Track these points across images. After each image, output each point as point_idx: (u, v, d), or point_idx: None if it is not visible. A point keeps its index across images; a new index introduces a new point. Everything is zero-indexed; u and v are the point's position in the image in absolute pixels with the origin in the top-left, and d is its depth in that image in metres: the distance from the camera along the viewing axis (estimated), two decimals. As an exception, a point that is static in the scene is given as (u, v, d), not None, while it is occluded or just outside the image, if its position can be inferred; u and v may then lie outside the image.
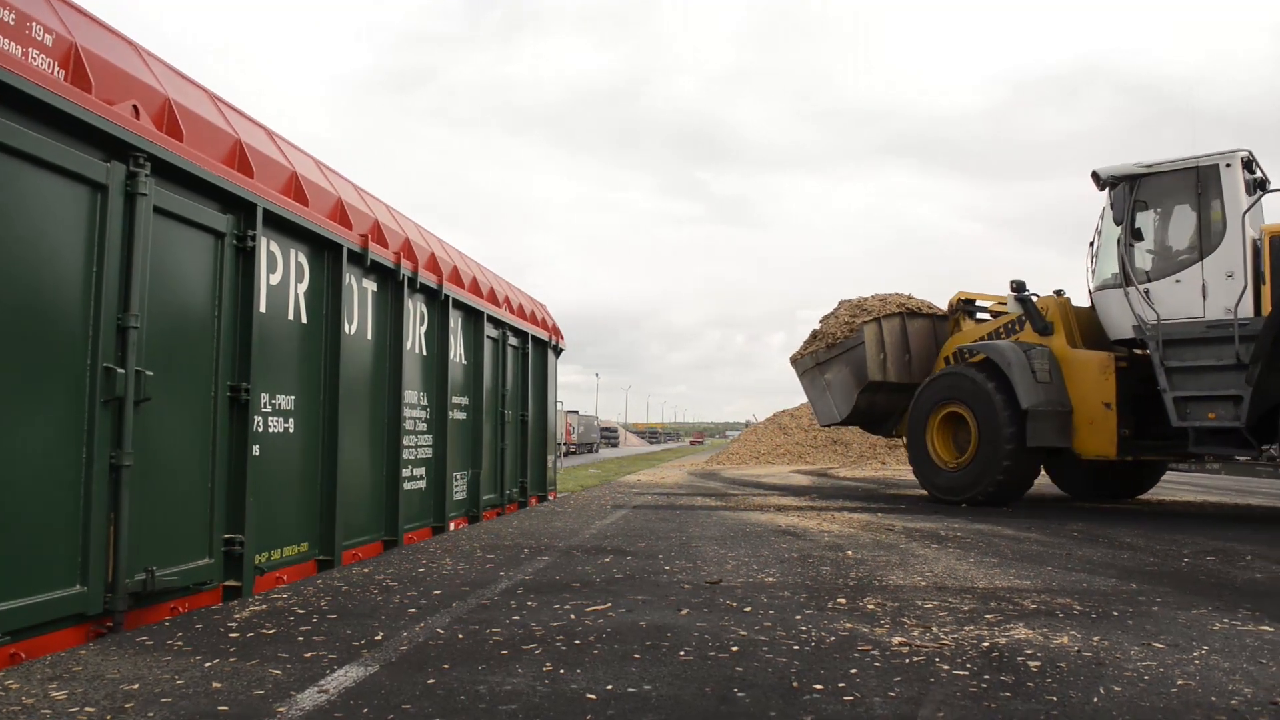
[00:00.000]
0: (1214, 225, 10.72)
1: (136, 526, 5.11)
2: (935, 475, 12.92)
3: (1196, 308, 10.70)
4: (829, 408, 14.93)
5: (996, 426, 11.83)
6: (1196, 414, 10.59)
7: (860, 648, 4.45)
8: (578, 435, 64.22)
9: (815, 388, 15.17)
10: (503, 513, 12.20)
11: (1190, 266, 10.85)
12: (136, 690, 3.75)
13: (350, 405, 7.75)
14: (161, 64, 6.00)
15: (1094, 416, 11.42)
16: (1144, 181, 11.32)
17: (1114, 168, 11.54)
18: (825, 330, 15.07)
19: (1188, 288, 10.80)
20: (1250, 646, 4.51)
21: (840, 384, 14.60)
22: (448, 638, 4.69)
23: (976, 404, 12.17)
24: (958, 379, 12.64)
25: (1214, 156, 10.80)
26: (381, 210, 9.02)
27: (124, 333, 5.03)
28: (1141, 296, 11.08)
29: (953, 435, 12.88)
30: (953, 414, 12.70)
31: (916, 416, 13.19)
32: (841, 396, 14.55)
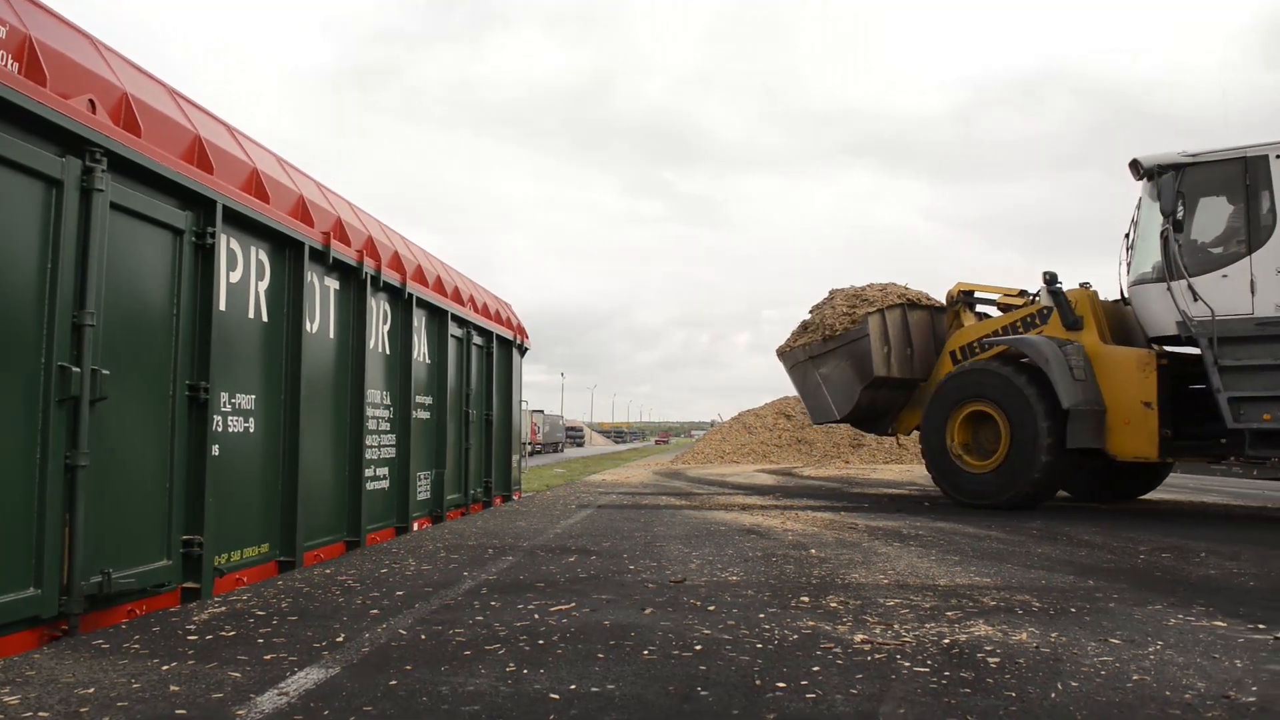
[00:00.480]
0: (1263, 218, 10.25)
1: (93, 528, 5.03)
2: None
3: (1244, 304, 10.19)
4: (825, 404, 14.05)
5: (1032, 426, 11.23)
6: (1251, 415, 10.05)
7: (823, 645, 4.48)
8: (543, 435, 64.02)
9: (808, 383, 14.28)
10: (467, 513, 12.14)
11: (1238, 261, 10.33)
12: (92, 694, 3.69)
13: (312, 404, 7.67)
14: (119, 58, 5.90)
15: (1131, 416, 10.87)
16: (1189, 171, 10.75)
17: (1157, 156, 11.01)
18: (819, 321, 14.19)
19: (1235, 283, 10.26)
20: (1204, 642, 4.59)
21: (840, 379, 13.74)
22: (410, 639, 4.67)
23: (1007, 402, 11.52)
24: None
25: (1263, 146, 10.36)
26: (344, 208, 8.94)
27: (80, 331, 4.94)
28: (1186, 291, 10.48)
29: (974, 435, 12.19)
30: (976, 412, 12.01)
31: (935, 414, 12.42)
32: (841, 392, 13.71)
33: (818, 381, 14.03)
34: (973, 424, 12.16)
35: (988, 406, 11.82)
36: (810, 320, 14.52)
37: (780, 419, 31.73)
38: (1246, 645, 4.53)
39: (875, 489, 16.32)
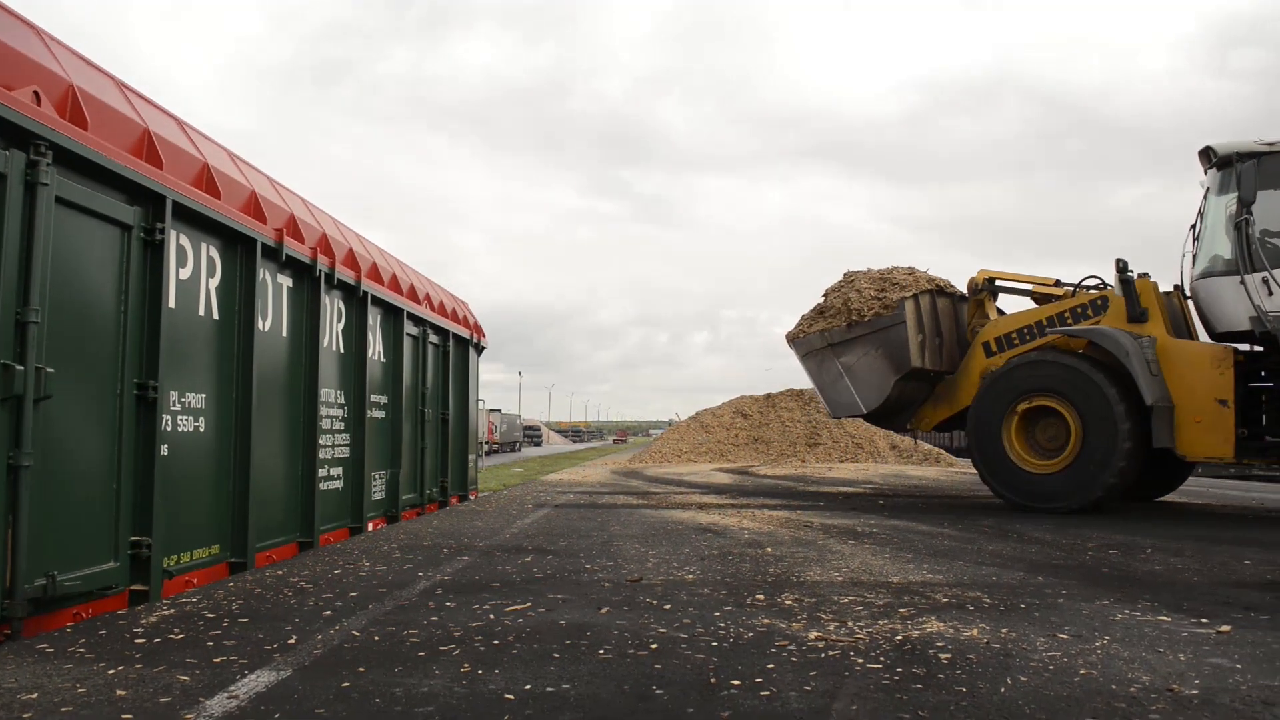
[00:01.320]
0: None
1: (37, 529, 4.92)
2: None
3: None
4: (848, 397, 12.95)
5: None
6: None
7: (777, 643, 4.51)
8: (500, 434, 63.76)
9: (826, 373, 13.17)
10: (423, 513, 12.05)
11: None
12: (35, 700, 3.61)
13: (264, 404, 7.57)
14: (66, 50, 5.78)
15: (1204, 414, 10.38)
16: (1265, 160, 10.36)
17: (1232, 144, 10.66)
18: (840, 305, 13.09)
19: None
20: (1149, 636, 4.69)
21: (868, 369, 12.69)
22: (363, 640, 4.62)
23: (1080, 397, 10.84)
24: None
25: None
26: (298, 204, 8.83)
27: (23, 328, 4.83)
28: (1261, 285, 10.09)
29: (1029, 432, 11.49)
30: (1036, 409, 11.31)
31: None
32: (870, 384, 12.68)
33: (838, 372, 12.98)
34: (1029, 421, 11.49)
35: (1055, 402, 11.11)
36: (827, 304, 13.46)
37: (737, 418, 31.88)
38: (1190, 639, 4.63)
39: (831, 488, 16.45)
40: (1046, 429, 11.36)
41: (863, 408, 12.86)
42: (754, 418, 31.49)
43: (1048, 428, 11.35)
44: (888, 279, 13.12)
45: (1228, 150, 10.65)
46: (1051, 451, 11.26)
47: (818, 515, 10.92)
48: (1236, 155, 10.52)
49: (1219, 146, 10.75)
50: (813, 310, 13.74)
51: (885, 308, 12.57)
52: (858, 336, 12.74)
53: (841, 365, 12.94)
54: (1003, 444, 11.43)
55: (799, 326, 13.72)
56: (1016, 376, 11.48)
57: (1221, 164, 10.75)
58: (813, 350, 13.31)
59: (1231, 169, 10.57)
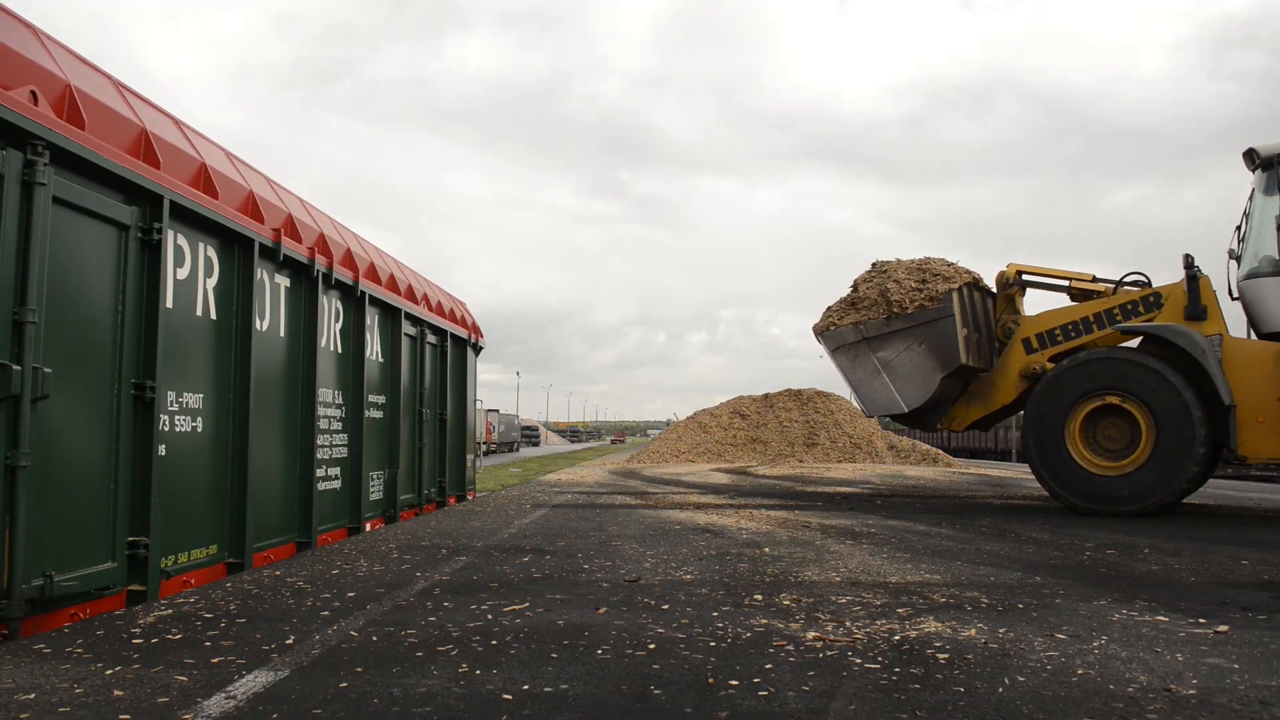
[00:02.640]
0: None
1: (34, 530, 4.91)
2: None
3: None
4: (886, 395, 12.27)
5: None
6: None
7: (775, 643, 4.51)
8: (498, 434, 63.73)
9: (861, 368, 12.45)
10: (420, 513, 12.04)
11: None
12: (33, 700, 3.61)
13: (262, 404, 7.57)
14: (63, 49, 5.77)
15: (1266, 414, 10.28)
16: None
17: (1276, 145, 10.61)
18: (877, 297, 12.40)
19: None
20: (1146, 636, 4.69)
21: (910, 365, 12.02)
22: (361, 640, 4.62)
23: (1153, 397, 10.53)
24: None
25: None
26: (295, 204, 8.82)
27: (20, 328, 4.82)
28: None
29: (1089, 433, 11.12)
30: (1099, 407, 10.98)
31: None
32: (912, 380, 12.04)
33: (875, 367, 12.28)
34: (1090, 421, 11.13)
35: (1125, 401, 10.81)
36: (860, 296, 12.72)
37: (735, 418, 31.89)
38: (1187, 639, 4.63)
39: (829, 488, 16.46)
40: (1108, 429, 11.06)
41: (904, 406, 12.25)
42: (752, 418, 31.50)
43: (1109, 428, 11.05)
44: (926, 269, 12.50)
45: (1271, 152, 10.57)
46: (1113, 453, 10.96)
47: (816, 515, 10.92)
48: (1278, 157, 10.46)
49: (1263, 148, 10.66)
50: (842, 302, 13.03)
51: (930, 300, 11.92)
52: (898, 330, 12.09)
53: (879, 360, 12.24)
54: (1065, 444, 11.07)
55: (827, 318, 13.02)
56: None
57: (1266, 165, 10.64)
58: (845, 344, 12.61)
59: (1274, 170, 10.48)
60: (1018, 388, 12.22)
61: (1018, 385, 12.21)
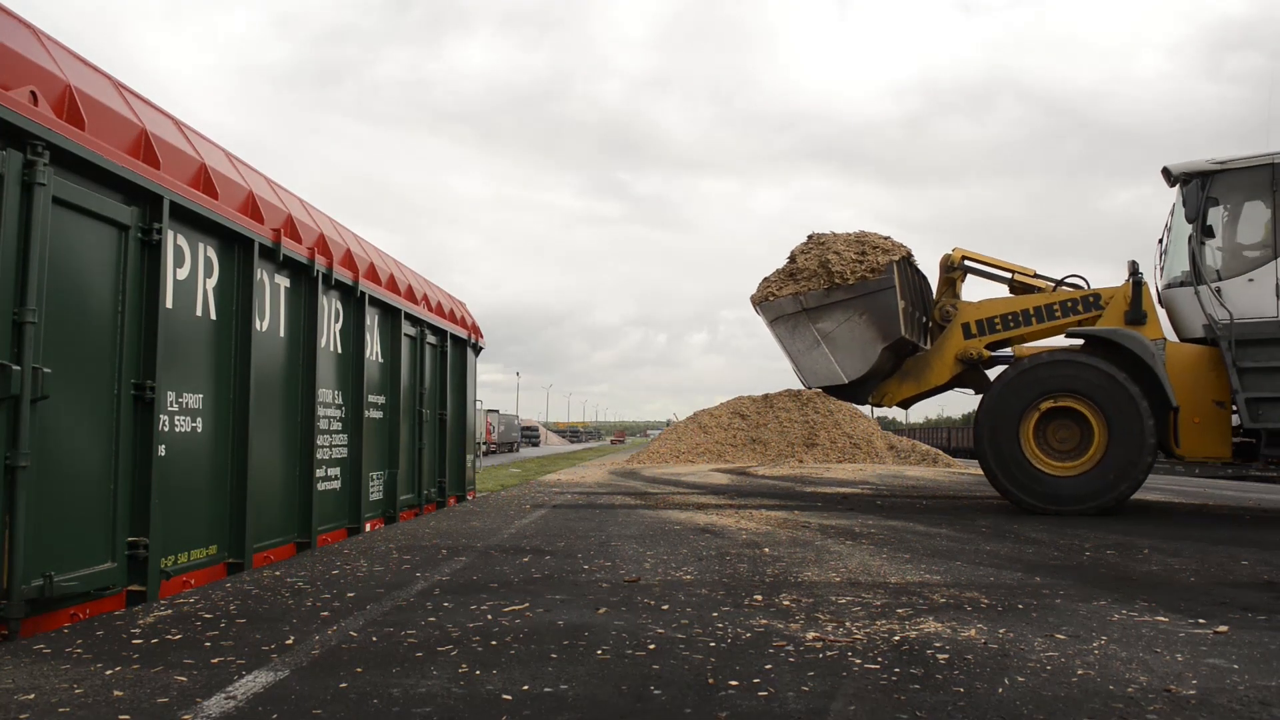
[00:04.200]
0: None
1: (34, 530, 4.91)
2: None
3: (1270, 307, 10.38)
4: (827, 365, 12.29)
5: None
6: (1270, 415, 10.22)
7: (775, 644, 4.51)
8: (498, 434, 63.72)
9: (801, 339, 12.44)
10: (420, 513, 12.04)
11: (1264, 265, 10.47)
12: (33, 700, 3.61)
13: (262, 404, 7.57)
14: (63, 49, 5.77)
15: (1201, 415, 10.71)
16: (1217, 178, 10.86)
17: (1187, 164, 11.06)
18: (815, 268, 12.36)
19: (1260, 286, 10.45)
20: (1146, 637, 4.69)
21: (850, 336, 12.04)
22: (361, 640, 4.62)
23: (1107, 400, 10.84)
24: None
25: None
26: (295, 205, 8.82)
27: (20, 328, 4.82)
28: (1213, 295, 10.60)
29: (1041, 434, 11.33)
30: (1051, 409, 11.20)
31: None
32: (853, 352, 12.07)
33: (815, 338, 12.31)
34: (1042, 422, 11.33)
35: (1079, 403, 11.06)
36: (799, 267, 12.66)
37: (735, 419, 31.87)
38: (1187, 639, 4.63)
39: (828, 488, 16.46)
40: (1059, 430, 11.30)
41: (844, 377, 12.29)
42: (752, 418, 31.49)
43: (1060, 429, 11.29)
44: (865, 241, 12.46)
45: (1181, 170, 11.08)
46: (1065, 454, 11.20)
47: (815, 516, 10.92)
48: (1185, 175, 11.00)
49: (1175, 167, 11.16)
50: (779, 273, 12.92)
51: (871, 271, 11.93)
52: (839, 301, 12.09)
53: (819, 331, 12.28)
54: (1019, 445, 11.29)
55: (765, 289, 12.89)
56: (1038, 376, 11.33)
57: (1180, 182, 11.17)
58: (784, 315, 12.59)
59: (1188, 187, 11.00)
60: (951, 370, 12.43)
61: (952, 368, 12.42)
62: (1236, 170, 10.85)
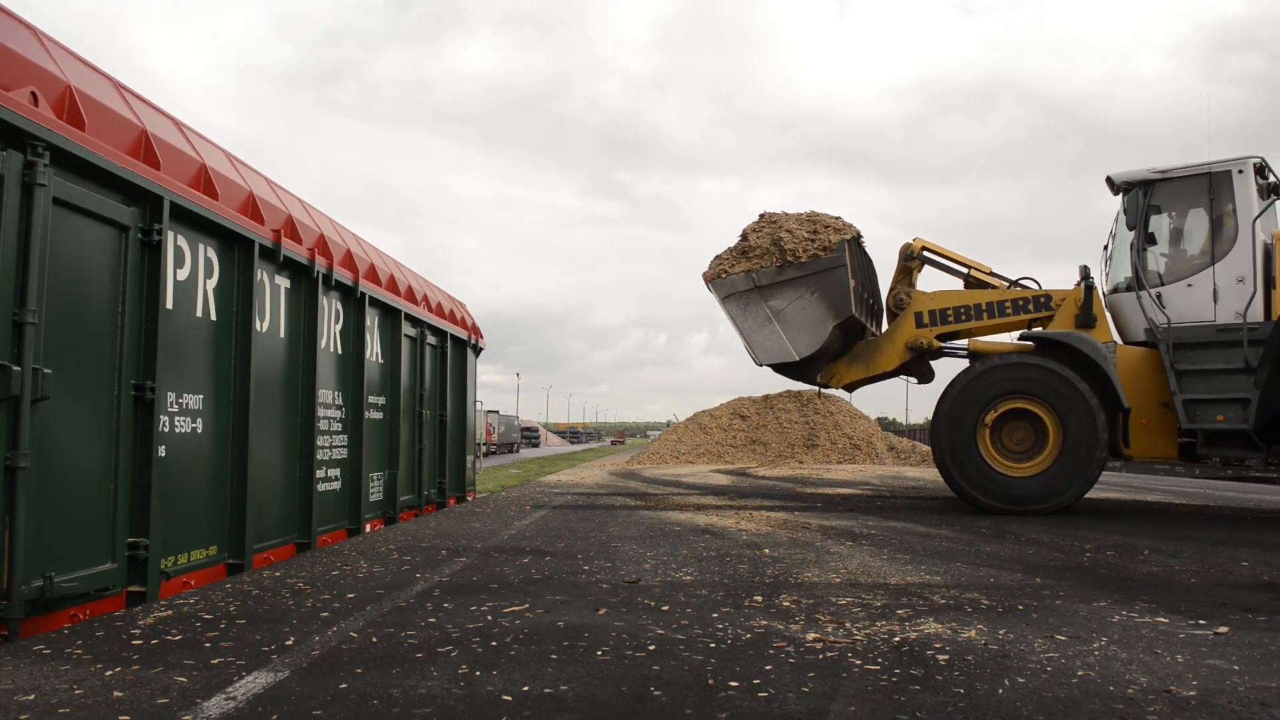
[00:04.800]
0: (1226, 230, 10.79)
1: (34, 531, 4.91)
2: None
3: (1207, 311, 10.71)
4: (778, 343, 12.32)
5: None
6: (1206, 416, 10.54)
7: (775, 644, 4.50)
8: (498, 435, 63.71)
9: (753, 316, 12.46)
10: (420, 514, 12.04)
11: (1202, 271, 10.83)
12: (33, 701, 3.61)
13: (262, 405, 7.56)
14: (64, 50, 5.78)
15: (1148, 416, 11.01)
16: (1158, 186, 11.22)
17: (1128, 173, 11.45)
18: (767, 246, 12.39)
19: (1199, 291, 10.80)
20: (1146, 637, 4.69)
21: (803, 314, 12.08)
22: (361, 641, 4.62)
23: (1061, 402, 11.07)
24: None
25: (1227, 163, 10.88)
26: (296, 205, 8.82)
27: (20, 329, 4.82)
28: (1154, 300, 10.99)
29: (997, 435, 11.47)
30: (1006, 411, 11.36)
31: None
32: (804, 329, 12.11)
33: (767, 315, 12.34)
34: (997, 424, 11.47)
35: (1034, 405, 11.25)
36: (751, 245, 12.68)
37: (735, 419, 31.87)
38: (1187, 640, 4.63)
39: (828, 489, 16.46)
40: (1014, 432, 11.51)
41: (795, 354, 12.33)
42: (752, 419, 31.49)
43: (1014, 430, 11.50)
44: (817, 220, 12.53)
45: (1123, 178, 11.51)
46: (1020, 455, 11.42)
47: (815, 516, 10.92)
48: (1127, 183, 11.45)
49: (1117, 176, 11.58)
50: (732, 251, 12.89)
51: (823, 249, 12.00)
52: (791, 279, 12.15)
53: (770, 309, 12.30)
54: (976, 446, 11.44)
55: (717, 266, 12.86)
56: (995, 379, 11.51)
57: (1122, 191, 11.60)
58: (736, 292, 12.58)
59: (1129, 196, 11.46)
60: (901, 357, 12.62)
61: (901, 355, 12.60)
62: (1176, 179, 11.23)
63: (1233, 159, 10.87)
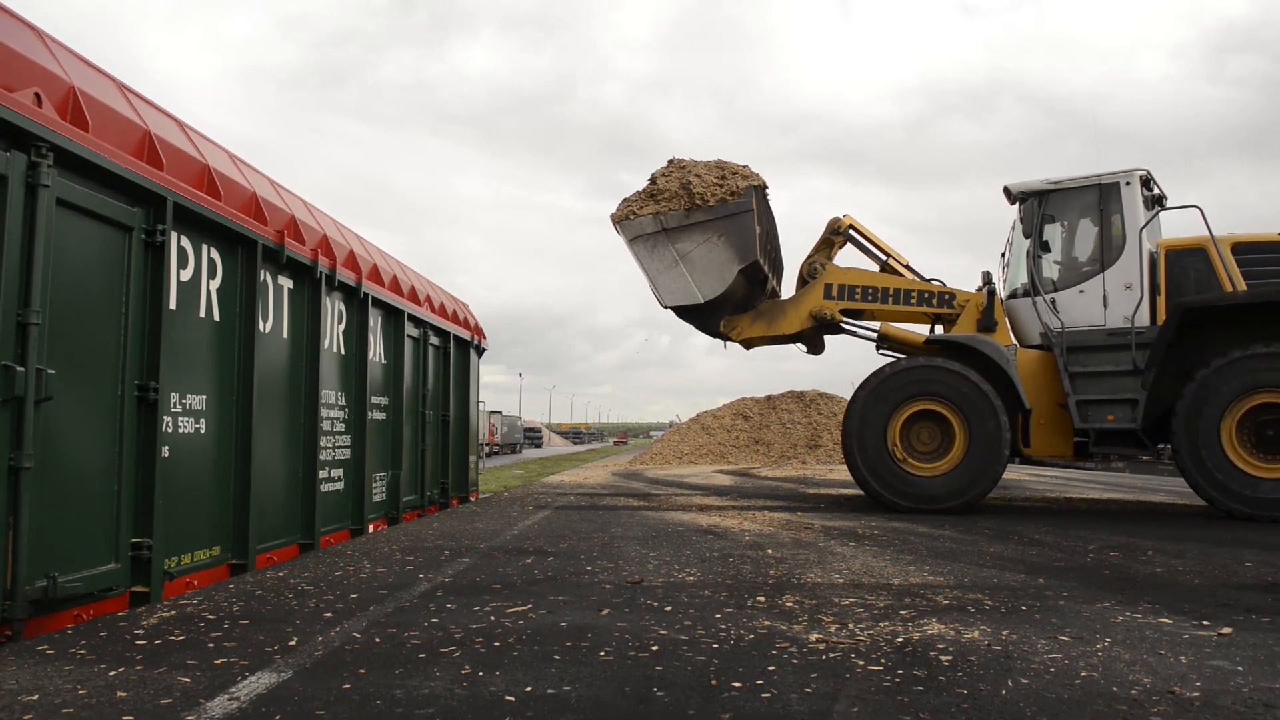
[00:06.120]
0: (1114, 239, 11.32)
1: (37, 531, 4.92)
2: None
3: (1098, 316, 11.25)
4: (684, 285, 12.36)
5: (995, 430, 11.18)
6: (1097, 416, 11.09)
7: (778, 645, 4.50)
8: (500, 436, 63.77)
9: (659, 258, 12.47)
10: (423, 514, 12.05)
11: (1093, 278, 11.37)
12: (36, 701, 3.61)
13: (265, 405, 7.58)
14: (67, 51, 5.79)
15: (1046, 417, 11.48)
16: (1051, 197, 11.77)
17: (1023, 184, 11.92)
18: (676, 189, 12.36)
19: (1090, 298, 11.35)
20: (1150, 638, 4.68)
21: (707, 257, 12.13)
22: (364, 642, 4.62)
23: (967, 404, 11.34)
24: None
25: (1115, 174, 11.38)
26: (299, 206, 8.83)
27: (24, 329, 4.84)
28: (1048, 305, 11.50)
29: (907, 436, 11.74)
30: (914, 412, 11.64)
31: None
32: (710, 273, 12.16)
33: (674, 258, 12.37)
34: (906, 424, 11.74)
35: (941, 406, 11.54)
36: (659, 188, 12.59)
37: (738, 420, 31.87)
38: (1191, 641, 4.62)
39: (831, 489, 16.45)
40: (920, 432, 11.80)
41: (700, 296, 12.36)
42: (755, 419, 31.49)
43: (921, 431, 11.80)
44: (725, 168, 12.50)
45: (1018, 189, 11.97)
46: (927, 455, 11.71)
47: (818, 517, 10.92)
48: (1022, 193, 11.93)
49: (1013, 186, 12.04)
50: (640, 193, 12.83)
51: (731, 194, 12.06)
52: (699, 223, 12.16)
53: (677, 252, 12.33)
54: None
55: (625, 208, 12.75)
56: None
57: (1019, 200, 12.04)
58: (643, 234, 12.54)
59: (1025, 206, 11.90)
60: (802, 324, 12.85)
61: (803, 322, 12.84)
62: (1068, 190, 11.73)
63: (1121, 171, 11.40)
